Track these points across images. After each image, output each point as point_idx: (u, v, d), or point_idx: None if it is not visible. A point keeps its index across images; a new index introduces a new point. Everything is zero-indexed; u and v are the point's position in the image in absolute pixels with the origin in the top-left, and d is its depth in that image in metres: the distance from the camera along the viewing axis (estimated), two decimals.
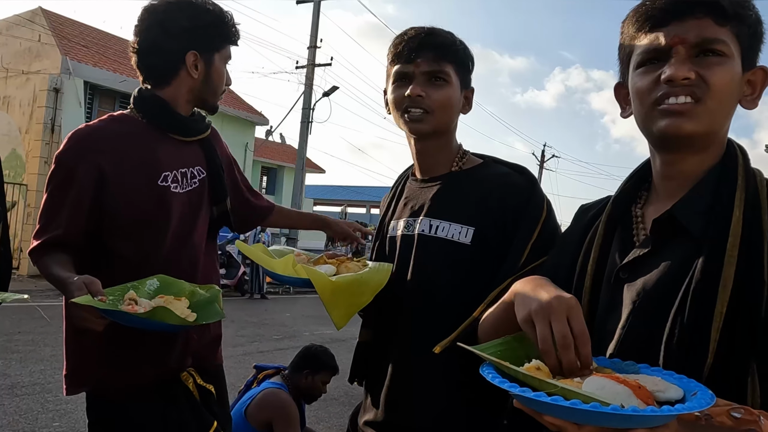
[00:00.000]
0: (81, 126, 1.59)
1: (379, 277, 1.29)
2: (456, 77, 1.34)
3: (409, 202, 1.44)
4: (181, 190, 1.58)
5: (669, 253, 0.91)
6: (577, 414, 0.68)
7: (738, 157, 0.93)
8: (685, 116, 0.87)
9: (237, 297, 12.08)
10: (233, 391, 4.87)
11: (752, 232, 0.85)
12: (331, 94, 16.04)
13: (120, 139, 1.54)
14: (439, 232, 1.32)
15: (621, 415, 0.66)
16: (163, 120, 1.60)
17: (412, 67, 1.31)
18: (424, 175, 1.43)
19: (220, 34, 1.64)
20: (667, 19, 0.89)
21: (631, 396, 0.70)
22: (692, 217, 0.90)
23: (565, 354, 0.78)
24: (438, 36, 1.33)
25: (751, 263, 0.83)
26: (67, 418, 3.95)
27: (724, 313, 0.81)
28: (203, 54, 1.60)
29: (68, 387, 1.58)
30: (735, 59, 0.89)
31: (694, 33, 0.88)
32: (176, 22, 1.56)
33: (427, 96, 1.30)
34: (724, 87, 0.88)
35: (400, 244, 1.40)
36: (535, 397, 0.70)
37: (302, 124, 16.35)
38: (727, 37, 0.88)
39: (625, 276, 0.95)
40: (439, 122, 1.34)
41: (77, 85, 12.60)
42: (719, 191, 0.90)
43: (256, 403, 2.94)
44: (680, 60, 0.88)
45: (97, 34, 15.28)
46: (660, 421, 0.69)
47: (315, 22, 16.45)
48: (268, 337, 7.77)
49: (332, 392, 5.37)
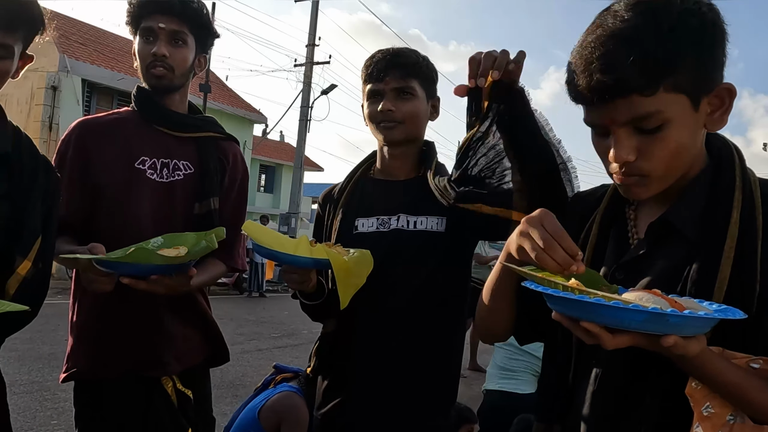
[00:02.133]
0: None
1: (369, 260, 1.38)
2: (421, 90, 1.51)
3: (376, 201, 1.54)
4: (158, 178, 1.61)
5: (664, 254, 0.93)
6: (619, 315, 0.71)
7: (734, 157, 0.93)
8: (639, 187, 0.89)
9: (235, 295, 12.09)
10: (233, 389, 4.90)
11: (747, 233, 0.86)
12: (329, 92, 16.04)
13: (108, 126, 1.64)
14: (418, 226, 1.48)
15: (661, 315, 0.69)
16: (146, 110, 1.65)
17: (382, 85, 1.48)
18: (391, 176, 1.56)
19: (135, 12, 1.60)
20: (594, 102, 0.86)
21: (668, 307, 0.73)
22: (687, 221, 0.91)
23: (553, 252, 0.85)
24: (403, 56, 1.50)
25: (745, 263, 0.84)
26: (65, 416, 3.95)
27: None
28: (135, 36, 1.63)
29: (62, 373, 1.62)
30: (679, 114, 0.84)
31: (622, 114, 0.84)
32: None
33: (396, 110, 1.47)
34: (671, 153, 0.86)
35: (372, 241, 1.48)
36: (579, 298, 0.74)
37: (300, 122, 16.35)
38: (663, 101, 0.82)
39: (621, 276, 0.96)
40: (409, 131, 1.50)
41: (75, 82, 12.59)
42: (714, 193, 0.90)
43: (270, 406, 2.94)
44: (619, 141, 0.86)
45: (95, 31, 15.27)
46: (698, 325, 0.73)
47: (313, 20, 16.44)
48: (267, 335, 7.78)
49: None
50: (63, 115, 12.28)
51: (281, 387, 3.07)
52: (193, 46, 1.64)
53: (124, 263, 1.32)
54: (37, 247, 1.24)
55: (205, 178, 1.65)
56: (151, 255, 1.33)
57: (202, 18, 1.64)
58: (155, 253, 1.34)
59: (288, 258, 1.30)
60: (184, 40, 1.61)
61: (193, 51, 1.64)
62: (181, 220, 1.61)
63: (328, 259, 1.30)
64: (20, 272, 1.20)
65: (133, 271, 1.34)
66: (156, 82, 1.59)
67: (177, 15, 1.58)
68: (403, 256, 1.46)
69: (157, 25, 1.56)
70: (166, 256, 1.34)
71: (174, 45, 1.59)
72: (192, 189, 1.64)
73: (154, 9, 1.57)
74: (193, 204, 1.63)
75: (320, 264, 1.32)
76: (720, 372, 0.78)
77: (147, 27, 1.57)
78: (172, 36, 1.58)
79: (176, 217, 1.61)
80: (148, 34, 1.58)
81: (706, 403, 0.80)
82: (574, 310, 0.76)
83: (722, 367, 0.78)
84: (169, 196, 1.61)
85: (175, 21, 1.58)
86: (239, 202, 1.78)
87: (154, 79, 1.59)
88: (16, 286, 1.20)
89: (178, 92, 1.66)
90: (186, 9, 1.60)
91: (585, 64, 0.85)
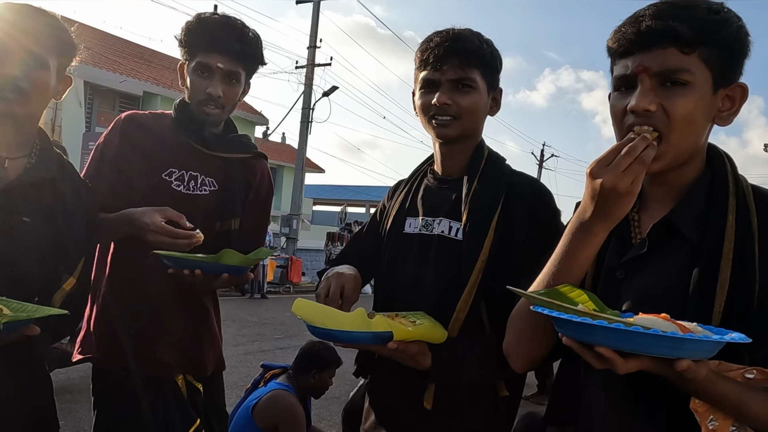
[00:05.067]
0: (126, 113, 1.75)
1: (440, 335, 1.25)
2: (482, 81, 1.35)
3: (427, 199, 1.44)
4: (185, 190, 1.65)
5: (665, 255, 0.95)
6: (636, 339, 0.73)
7: (726, 164, 0.97)
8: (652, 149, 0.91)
9: (237, 297, 12.10)
10: (237, 389, 4.90)
11: (744, 236, 0.89)
12: (330, 94, 16.06)
13: (146, 129, 1.68)
14: (460, 234, 1.33)
15: (678, 338, 0.72)
16: (183, 124, 1.67)
17: (439, 75, 1.33)
18: (445, 175, 1.44)
19: (193, 42, 1.62)
20: (633, 49, 0.93)
21: (680, 332, 0.75)
22: (688, 223, 0.94)
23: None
24: (463, 42, 1.32)
25: (744, 265, 0.88)
26: (71, 417, 3.97)
27: (721, 312, 0.87)
28: (187, 63, 1.66)
29: (75, 353, 1.69)
30: (702, 84, 0.91)
31: (657, 62, 0.91)
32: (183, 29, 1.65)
33: (454, 103, 1.32)
34: (687, 117, 0.91)
35: (418, 243, 1.40)
36: (597, 323, 0.75)
37: (302, 124, 16.37)
38: (693, 65, 0.90)
39: (621, 276, 0.99)
40: (466, 127, 1.36)
41: (77, 85, 12.59)
42: (712, 198, 0.94)
43: (263, 404, 2.96)
44: (644, 90, 0.92)
45: (97, 34, 15.30)
46: (711, 348, 0.75)
47: (314, 22, 16.47)
48: (269, 336, 7.79)
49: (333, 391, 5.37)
50: (65, 117, 12.30)
51: (271, 385, 3.09)
52: (244, 80, 1.68)
53: (204, 263, 1.49)
54: (81, 266, 1.36)
55: (228, 198, 1.69)
56: (232, 256, 1.52)
57: (257, 54, 1.68)
58: (237, 254, 1.53)
59: (346, 336, 1.15)
60: (238, 79, 1.65)
61: (243, 85, 1.69)
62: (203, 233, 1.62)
63: (391, 332, 1.15)
64: (66, 288, 1.32)
65: (208, 268, 1.50)
66: (206, 119, 1.64)
67: (235, 56, 1.60)
68: (446, 264, 1.33)
69: (216, 64, 1.59)
70: (244, 257, 1.54)
71: (228, 84, 1.62)
72: (214, 206, 1.68)
73: (215, 48, 1.58)
74: (214, 222, 1.66)
75: (381, 339, 1.16)
76: (723, 392, 0.81)
77: (204, 63, 1.59)
78: (228, 75, 1.61)
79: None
80: (204, 69, 1.60)
81: (710, 416, 0.83)
82: (590, 335, 0.77)
83: (726, 388, 0.81)
84: (191, 209, 1.62)
85: (233, 62, 1.60)
86: (261, 217, 1.82)
87: (204, 116, 1.63)
88: (61, 299, 1.31)
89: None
90: (245, 50, 1.63)
91: (635, 16, 0.94)
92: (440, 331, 1.24)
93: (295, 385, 3.13)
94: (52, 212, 1.30)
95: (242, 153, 1.74)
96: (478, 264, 1.28)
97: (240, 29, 1.63)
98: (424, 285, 1.35)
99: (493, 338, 1.26)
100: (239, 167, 1.72)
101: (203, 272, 1.48)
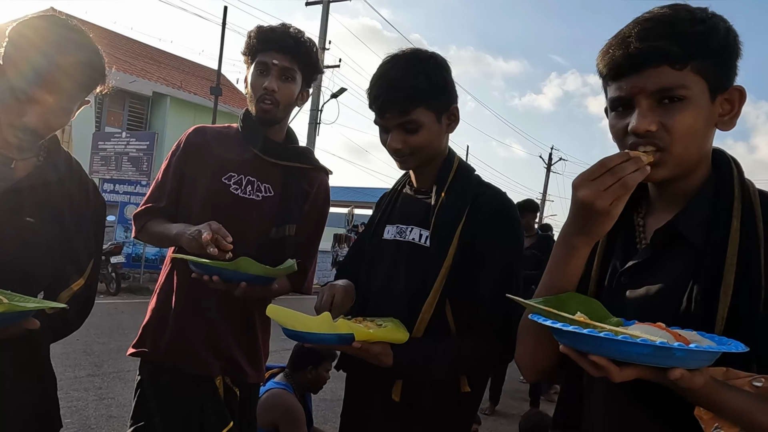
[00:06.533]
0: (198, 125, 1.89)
1: (402, 335, 1.32)
2: (428, 114, 1.39)
3: (403, 208, 1.54)
4: (242, 194, 1.73)
5: (669, 260, 0.95)
6: (624, 348, 0.73)
7: (732, 169, 0.97)
8: (655, 166, 0.91)
9: None
10: None
11: (749, 241, 0.89)
12: (339, 95, 16.09)
13: (212, 138, 1.79)
14: (428, 242, 1.42)
15: (666, 348, 0.72)
16: (247, 133, 1.77)
17: (384, 122, 1.42)
18: (419, 186, 1.53)
19: (253, 46, 1.72)
20: (625, 71, 0.92)
21: (672, 340, 0.76)
22: (693, 228, 0.94)
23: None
24: (400, 89, 1.36)
25: (749, 270, 0.87)
26: (78, 414, 3.98)
27: (725, 317, 0.86)
28: (249, 66, 1.75)
29: (131, 348, 1.77)
30: (699, 96, 0.91)
31: (652, 82, 0.90)
32: None
33: (404, 144, 1.40)
34: (688, 131, 0.90)
35: (393, 249, 1.49)
36: (589, 333, 0.75)
37: (310, 126, 16.42)
38: (688, 79, 0.89)
39: (626, 281, 0.98)
40: (423, 158, 1.44)
41: None
42: (717, 203, 0.94)
43: (262, 403, 2.96)
44: (642, 111, 0.91)
45: (108, 34, 15.43)
46: (702, 358, 0.75)
47: (324, 23, 16.51)
48: (275, 337, 7.70)
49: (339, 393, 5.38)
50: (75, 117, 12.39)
51: (270, 384, 3.10)
52: (300, 82, 1.75)
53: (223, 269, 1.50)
54: (90, 267, 1.38)
55: (284, 204, 1.74)
56: (251, 265, 1.52)
57: (312, 57, 1.76)
58: (255, 263, 1.53)
59: (313, 337, 1.24)
60: (293, 77, 1.72)
61: (299, 87, 1.75)
62: (254, 240, 1.69)
63: (352, 333, 1.24)
64: (73, 288, 1.34)
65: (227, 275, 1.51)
66: (262, 115, 1.71)
67: (290, 53, 1.70)
68: (416, 269, 1.42)
69: (272, 61, 1.68)
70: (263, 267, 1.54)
71: (283, 80, 1.70)
72: (268, 212, 1.72)
73: (272, 46, 1.69)
74: (269, 227, 1.71)
75: (344, 339, 1.25)
76: (725, 401, 0.80)
77: (262, 61, 1.69)
78: (283, 72, 1.70)
79: (248, 234, 1.67)
80: (262, 68, 1.70)
81: (715, 424, 0.83)
82: (583, 344, 0.78)
83: (727, 397, 0.80)
84: (245, 211, 1.70)
85: (288, 59, 1.69)
86: (316, 228, 1.86)
87: (261, 112, 1.71)
88: (68, 298, 1.33)
89: (278, 123, 1.77)
90: (299, 48, 1.72)
91: (622, 38, 0.92)
92: (402, 333, 1.32)
93: (293, 384, 3.15)
94: (59, 213, 1.30)
95: (302, 163, 1.80)
96: (442, 270, 1.36)
97: (296, 31, 1.74)
98: (395, 288, 1.44)
99: (455, 338, 1.38)
100: (297, 177, 1.78)
101: (221, 279, 1.52)
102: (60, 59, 1.20)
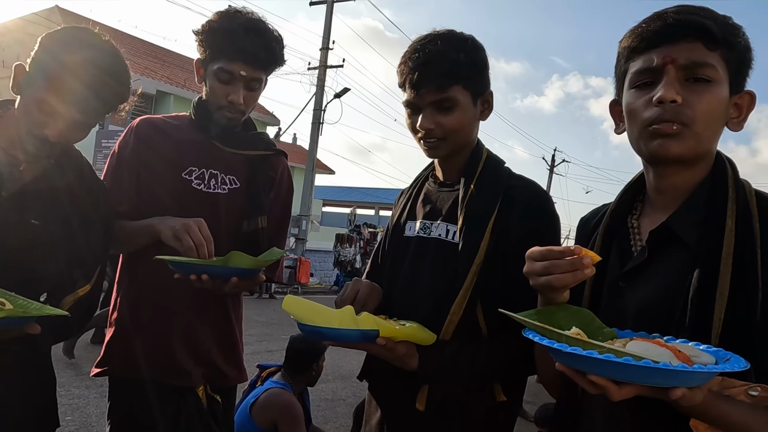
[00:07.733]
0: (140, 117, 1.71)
1: (426, 337, 1.23)
2: (465, 94, 1.30)
3: (427, 203, 1.43)
4: (206, 189, 1.61)
5: (665, 261, 0.95)
6: (627, 370, 0.72)
7: (727, 169, 0.97)
8: (674, 138, 0.92)
9: (245, 296, 12.10)
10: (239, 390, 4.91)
11: (745, 241, 0.88)
12: (342, 95, 16.10)
13: (161, 130, 1.65)
14: (457, 238, 1.31)
15: (670, 370, 0.71)
16: (203, 123, 1.63)
17: (418, 99, 1.30)
18: (445, 179, 1.44)
19: (216, 45, 1.55)
20: (660, 41, 0.94)
21: (673, 358, 0.75)
22: (687, 228, 0.94)
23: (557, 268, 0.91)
24: (438, 62, 1.27)
25: (745, 271, 0.86)
26: (79, 412, 3.99)
27: (722, 319, 0.85)
28: (207, 63, 1.59)
29: (95, 367, 1.63)
30: (723, 84, 0.93)
31: (684, 55, 0.92)
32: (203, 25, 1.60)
33: (437, 125, 1.30)
34: (710, 112, 0.92)
35: (415, 246, 1.40)
36: (587, 354, 0.74)
37: (313, 125, 16.42)
38: (716, 62, 0.92)
39: (624, 285, 0.98)
40: (455, 144, 1.34)
41: None
42: (712, 203, 0.94)
43: (261, 403, 2.97)
44: (670, 81, 0.92)
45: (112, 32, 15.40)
46: (704, 378, 0.74)
47: (328, 23, 16.52)
48: (277, 336, 7.80)
49: (340, 393, 5.38)
50: None
51: (268, 384, 3.10)
52: (265, 82, 1.62)
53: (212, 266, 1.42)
54: (98, 272, 1.36)
55: (253, 195, 1.64)
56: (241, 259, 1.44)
57: (280, 57, 1.62)
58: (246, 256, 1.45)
59: (333, 333, 1.13)
60: (260, 84, 1.60)
61: (264, 87, 1.63)
62: (224, 235, 1.58)
63: (377, 330, 1.14)
64: (79, 293, 1.32)
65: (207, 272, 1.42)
66: (226, 123, 1.59)
67: (259, 65, 1.55)
68: (442, 267, 1.32)
69: (239, 72, 1.53)
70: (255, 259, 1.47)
71: (250, 89, 1.57)
72: (237, 205, 1.62)
73: (240, 58, 1.52)
74: (239, 221, 1.62)
75: (368, 336, 1.14)
76: (724, 414, 0.80)
77: (228, 70, 1.53)
78: (250, 82, 1.56)
79: (218, 230, 1.55)
80: (227, 77, 1.54)
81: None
82: (583, 364, 0.76)
83: (725, 410, 0.80)
84: (213, 207, 1.60)
85: (257, 70, 1.55)
86: (283, 214, 1.78)
87: (225, 120, 1.58)
88: (72, 302, 1.31)
89: None
90: (269, 58, 1.57)
91: (657, 14, 0.96)
92: (428, 334, 1.22)
93: (292, 383, 3.15)
94: (66, 217, 1.29)
95: (263, 150, 1.70)
96: (473, 267, 1.26)
97: (265, 36, 1.56)
98: (420, 287, 1.34)
99: (487, 342, 1.26)
100: (262, 165, 1.68)
101: (210, 277, 1.42)
102: (98, 85, 1.21)
